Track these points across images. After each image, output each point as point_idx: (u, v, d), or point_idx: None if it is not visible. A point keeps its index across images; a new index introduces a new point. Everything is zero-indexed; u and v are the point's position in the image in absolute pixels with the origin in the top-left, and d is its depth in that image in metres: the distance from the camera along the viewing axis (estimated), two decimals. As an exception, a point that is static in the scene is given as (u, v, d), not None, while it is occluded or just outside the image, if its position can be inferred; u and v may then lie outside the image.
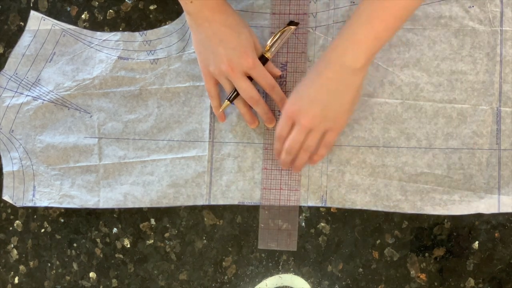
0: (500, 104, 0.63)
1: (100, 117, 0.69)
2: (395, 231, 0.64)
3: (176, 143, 0.68)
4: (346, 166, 0.64)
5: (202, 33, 0.60)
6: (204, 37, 0.60)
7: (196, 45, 0.62)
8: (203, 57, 0.62)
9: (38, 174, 0.70)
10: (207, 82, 0.63)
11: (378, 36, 0.54)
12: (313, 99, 0.57)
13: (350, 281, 0.64)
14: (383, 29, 0.53)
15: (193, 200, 0.67)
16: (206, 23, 0.59)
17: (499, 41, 0.63)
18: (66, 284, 0.70)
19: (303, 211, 0.65)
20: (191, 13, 0.60)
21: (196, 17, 0.59)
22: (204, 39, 0.60)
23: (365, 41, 0.54)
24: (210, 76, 0.62)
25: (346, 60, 0.55)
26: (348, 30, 0.55)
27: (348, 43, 0.55)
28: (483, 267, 0.63)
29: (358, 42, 0.54)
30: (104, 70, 0.69)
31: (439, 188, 0.63)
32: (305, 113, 0.57)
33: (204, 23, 0.59)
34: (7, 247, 0.72)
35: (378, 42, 0.54)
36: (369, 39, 0.54)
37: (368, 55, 0.54)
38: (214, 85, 0.63)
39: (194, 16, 0.60)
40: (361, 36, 0.54)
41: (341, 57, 0.55)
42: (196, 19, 0.60)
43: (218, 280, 0.67)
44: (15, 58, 0.71)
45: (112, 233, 0.69)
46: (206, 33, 0.60)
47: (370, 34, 0.53)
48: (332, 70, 0.56)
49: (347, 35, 0.55)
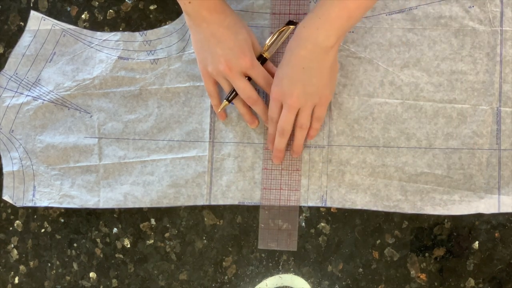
0: (500, 104, 0.63)
1: (100, 117, 0.69)
2: (395, 231, 0.64)
3: (176, 143, 0.68)
4: (346, 166, 0.64)
5: (201, 33, 0.60)
6: (202, 38, 0.60)
7: (195, 45, 0.62)
8: (201, 57, 0.62)
9: (38, 174, 0.70)
10: (206, 82, 0.63)
11: (351, 15, 0.53)
12: (292, 79, 0.58)
13: (350, 281, 0.64)
14: (356, 7, 0.53)
15: (193, 200, 0.67)
16: (204, 24, 0.59)
17: (499, 41, 0.63)
18: (66, 284, 0.70)
19: (303, 211, 0.65)
20: (189, 14, 0.60)
21: (194, 18, 0.59)
22: (203, 39, 0.60)
23: (337, 20, 0.53)
24: (209, 76, 0.63)
25: (317, 38, 0.55)
26: (321, 8, 0.54)
27: (320, 22, 0.54)
28: (483, 267, 0.63)
29: (331, 21, 0.54)
30: (104, 70, 0.69)
31: (439, 188, 0.63)
32: (289, 94, 0.59)
33: (202, 23, 0.59)
34: (7, 247, 0.72)
35: (350, 20, 0.54)
36: (342, 18, 0.53)
37: (339, 33, 0.54)
38: (213, 85, 0.64)
39: (192, 17, 0.60)
40: (334, 15, 0.53)
41: (313, 35, 0.55)
42: (194, 19, 0.60)
43: (218, 280, 0.67)
44: (15, 58, 0.71)
45: (112, 233, 0.69)
46: (204, 34, 0.60)
47: (342, 12, 0.53)
48: (304, 48, 0.56)
49: (319, 13, 0.54)
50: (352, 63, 0.65)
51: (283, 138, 0.62)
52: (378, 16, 0.65)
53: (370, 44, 0.64)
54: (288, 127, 0.61)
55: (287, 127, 0.61)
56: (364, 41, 0.65)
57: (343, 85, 0.65)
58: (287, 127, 0.61)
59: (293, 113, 0.60)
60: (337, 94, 0.65)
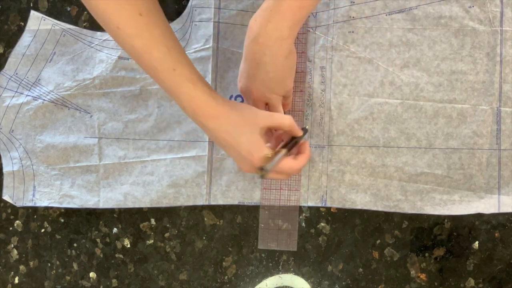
0: (500, 104, 0.63)
1: (100, 117, 0.69)
2: (395, 231, 0.64)
3: (176, 143, 0.68)
4: (346, 166, 0.64)
5: (208, 134, 0.59)
6: (211, 137, 0.59)
7: None
8: None
9: (38, 174, 0.70)
10: None
11: (302, 5, 0.52)
12: (248, 74, 0.57)
13: (350, 281, 0.64)
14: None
15: (193, 200, 0.67)
16: (205, 129, 0.56)
17: (499, 41, 0.63)
18: (66, 284, 0.70)
19: (303, 211, 0.65)
20: (190, 117, 0.56)
21: (196, 122, 0.56)
22: (213, 140, 0.59)
23: (288, 11, 0.52)
24: None
25: (269, 31, 0.53)
26: (272, 0, 0.53)
27: (271, 14, 0.53)
28: (483, 267, 0.63)
29: (282, 12, 0.53)
30: (105, 70, 0.69)
31: (439, 188, 0.63)
32: (249, 89, 0.58)
33: (203, 128, 0.56)
34: (7, 247, 0.72)
35: (302, 10, 0.53)
36: (293, 8, 0.52)
37: (291, 24, 0.53)
38: None
39: (194, 121, 0.56)
40: (285, 6, 0.52)
41: (264, 28, 0.54)
42: (197, 123, 0.56)
43: (218, 280, 0.67)
44: (15, 58, 0.71)
45: (112, 233, 0.69)
46: (210, 136, 0.58)
47: (293, 3, 0.52)
48: (256, 43, 0.55)
49: (270, 5, 0.53)
50: (352, 63, 0.65)
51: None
52: (378, 16, 0.65)
53: (370, 44, 0.64)
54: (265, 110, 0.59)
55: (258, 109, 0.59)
56: (364, 41, 0.65)
57: (343, 85, 0.65)
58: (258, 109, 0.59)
59: (262, 106, 0.59)
60: (337, 94, 0.65)
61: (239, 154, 0.56)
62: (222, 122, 0.55)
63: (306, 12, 0.53)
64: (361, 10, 0.65)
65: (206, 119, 0.55)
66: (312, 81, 0.65)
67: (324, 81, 0.65)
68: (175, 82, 0.53)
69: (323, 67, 0.65)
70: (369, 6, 0.64)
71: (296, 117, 0.65)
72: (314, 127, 0.65)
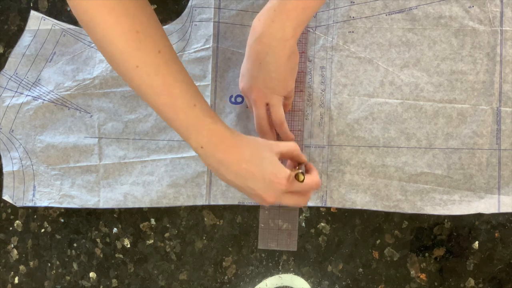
0: (500, 104, 0.63)
1: (100, 117, 0.69)
2: (395, 231, 0.64)
3: (176, 143, 0.68)
4: (346, 166, 0.64)
5: (224, 177, 0.54)
6: (228, 180, 0.54)
7: (227, 183, 0.56)
8: (242, 191, 0.56)
9: (38, 174, 0.70)
10: None
11: (306, 5, 0.52)
12: (250, 74, 0.57)
13: (350, 281, 0.64)
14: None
15: (193, 200, 0.67)
16: (222, 168, 0.53)
17: (499, 41, 0.63)
18: (66, 284, 0.70)
19: (303, 211, 0.65)
20: (204, 160, 0.54)
21: (211, 163, 0.53)
22: (230, 182, 0.54)
23: (292, 11, 0.52)
24: None
25: (273, 31, 0.53)
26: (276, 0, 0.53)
27: (275, 14, 0.53)
28: (483, 267, 0.63)
29: (286, 12, 0.52)
30: (105, 70, 0.69)
31: (439, 188, 0.63)
32: (250, 89, 0.58)
33: (220, 168, 0.53)
34: (7, 247, 0.72)
35: (306, 11, 0.52)
36: (297, 9, 0.52)
37: (295, 25, 0.53)
38: None
39: (209, 163, 0.53)
40: (289, 6, 0.52)
41: (268, 28, 0.53)
42: (211, 165, 0.54)
43: (218, 280, 0.67)
44: (15, 58, 0.71)
45: (112, 233, 0.69)
46: (228, 177, 0.54)
47: (297, 3, 0.52)
48: (259, 42, 0.55)
49: (275, 5, 0.53)
50: (352, 63, 0.65)
51: (264, 134, 0.61)
52: (378, 16, 0.65)
53: (370, 44, 0.64)
54: (262, 122, 0.60)
55: (261, 122, 0.60)
56: (364, 41, 0.65)
57: (343, 85, 0.65)
58: (261, 122, 0.60)
59: (261, 108, 0.59)
60: (337, 94, 0.65)
61: (264, 181, 0.53)
62: (243, 151, 0.53)
63: (310, 13, 0.53)
64: (361, 10, 0.65)
65: (228, 151, 0.52)
66: (312, 81, 0.65)
67: (324, 81, 0.65)
68: (197, 118, 0.51)
69: (323, 67, 0.65)
70: (369, 6, 0.64)
71: (296, 117, 0.65)
72: (314, 127, 0.65)
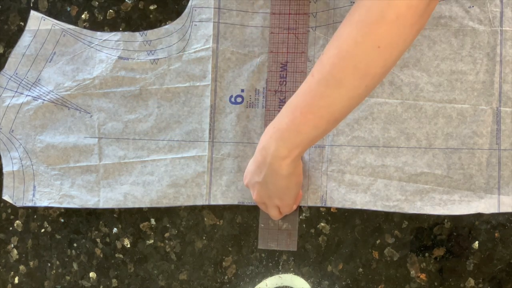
0: (500, 104, 0.63)
1: (100, 117, 0.69)
2: (395, 231, 0.64)
3: (176, 143, 0.68)
4: (346, 166, 0.64)
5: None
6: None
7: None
8: None
9: (38, 174, 0.70)
10: None
11: (299, 130, 0.50)
12: (253, 176, 0.58)
13: (350, 281, 0.64)
14: (303, 123, 0.49)
15: (193, 200, 0.67)
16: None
17: (499, 41, 0.63)
18: (66, 284, 0.70)
19: (303, 211, 0.65)
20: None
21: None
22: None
23: (286, 132, 0.51)
24: None
25: (270, 147, 0.53)
26: (277, 116, 0.52)
27: (273, 131, 0.53)
28: (483, 267, 0.63)
29: (281, 132, 0.51)
30: (104, 70, 0.69)
31: (439, 188, 0.63)
32: (252, 189, 0.60)
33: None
34: (7, 247, 0.72)
35: (299, 136, 0.51)
36: (290, 131, 0.50)
37: (290, 146, 0.51)
38: None
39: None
40: (284, 127, 0.51)
41: (267, 143, 0.53)
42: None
43: (218, 280, 0.67)
44: (15, 58, 0.71)
45: (112, 233, 0.69)
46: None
47: (291, 126, 0.50)
48: (260, 154, 0.55)
49: (275, 121, 0.53)
50: (352, 63, 0.65)
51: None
52: (378, 16, 0.64)
53: (370, 44, 0.64)
54: (265, 210, 0.63)
55: (263, 207, 0.63)
56: (364, 41, 0.65)
57: (343, 85, 0.65)
58: (263, 207, 0.63)
59: (261, 205, 0.62)
60: (337, 94, 0.65)
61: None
62: None
63: (304, 138, 0.51)
64: (361, 10, 0.65)
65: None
66: (312, 81, 0.65)
67: (324, 81, 0.65)
68: None
69: (323, 67, 0.65)
70: (369, 6, 0.64)
71: (296, 117, 0.65)
72: (314, 127, 0.65)
